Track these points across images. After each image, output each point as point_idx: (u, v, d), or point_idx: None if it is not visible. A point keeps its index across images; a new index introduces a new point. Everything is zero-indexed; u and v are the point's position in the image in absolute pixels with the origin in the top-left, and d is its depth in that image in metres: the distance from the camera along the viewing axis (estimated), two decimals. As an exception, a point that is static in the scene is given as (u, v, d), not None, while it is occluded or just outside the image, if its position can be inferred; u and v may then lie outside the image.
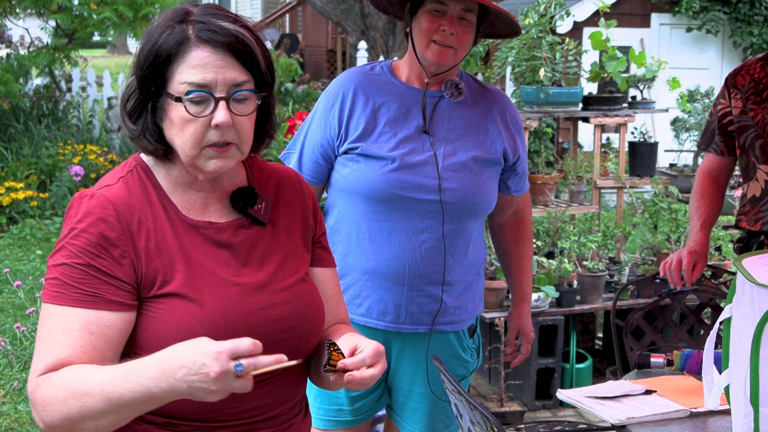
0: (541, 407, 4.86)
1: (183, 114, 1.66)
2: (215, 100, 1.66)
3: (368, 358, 1.66)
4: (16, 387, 4.76)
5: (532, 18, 5.47)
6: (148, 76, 1.69)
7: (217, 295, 1.68)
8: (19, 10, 11.39)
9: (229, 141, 1.69)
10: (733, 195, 6.10)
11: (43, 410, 1.58)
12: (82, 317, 1.62)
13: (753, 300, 1.99)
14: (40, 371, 1.60)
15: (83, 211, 1.68)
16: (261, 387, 1.72)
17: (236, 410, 1.71)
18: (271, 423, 1.77)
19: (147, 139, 1.72)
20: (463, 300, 2.75)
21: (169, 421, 1.69)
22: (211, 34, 1.66)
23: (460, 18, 2.58)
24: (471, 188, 2.66)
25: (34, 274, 6.94)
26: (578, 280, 4.96)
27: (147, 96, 1.71)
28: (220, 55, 1.67)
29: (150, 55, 1.68)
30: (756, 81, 3.34)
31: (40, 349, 1.63)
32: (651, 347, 3.39)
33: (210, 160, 1.69)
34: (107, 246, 1.65)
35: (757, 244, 3.39)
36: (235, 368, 1.46)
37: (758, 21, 11.61)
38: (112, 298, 1.64)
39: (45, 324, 1.64)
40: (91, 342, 1.61)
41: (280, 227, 1.84)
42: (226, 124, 1.66)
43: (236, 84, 1.68)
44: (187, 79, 1.66)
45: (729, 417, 2.15)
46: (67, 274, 1.64)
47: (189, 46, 1.66)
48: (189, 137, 1.67)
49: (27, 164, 9.39)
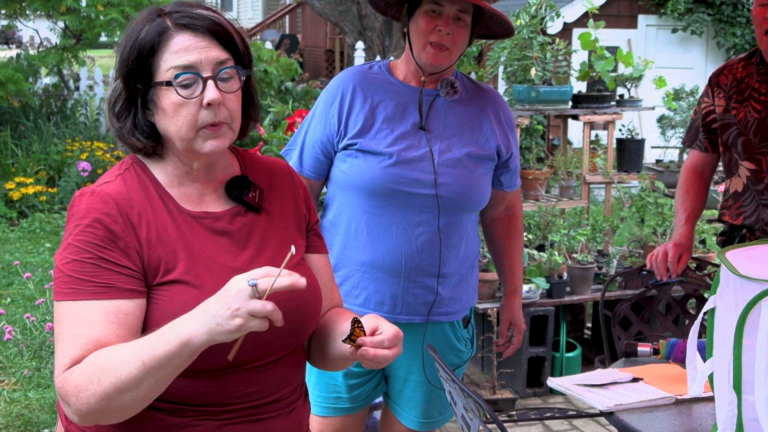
0: (532, 395, 4.86)
1: (175, 99, 1.68)
2: (203, 81, 1.68)
3: (386, 341, 1.68)
4: (26, 375, 4.76)
5: (523, 19, 5.47)
6: (133, 72, 1.71)
7: (217, 280, 1.68)
8: (29, 12, 11.41)
9: (221, 120, 1.70)
10: (717, 190, 6.11)
11: (77, 399, 1.57)
12: (100, 309, 1.62)
13: (736, 291, 1.99)
14: (66, 365, 1.59)
15: (85, 207, 1.68)
16: (263, 371, 1.74)
17: (240, 393, 1.72)
18: (274, 407, 1.78)
19: (136, 137, 1.73)
20: (458, 291, 2.76)
21: (177, 407, 1.69)
22: (189, 20, 1.70)
23: (456, 18, 2.58)
24: (465, 183, 2.66)
25: (43, 266, 6.94)
26: (568, 272, 4.96)
27: (133, 94, 1.72)
28: (201, 37, 1.70)
29: (133, 50, 1.70)
30: (738, 80, 3.34)
31: (63, 345, 1.61)
32: (638, 337, 3.39)
33: (207, 140, 1.71)
34: (113, 238, 1.66)
35: (740, 237, 3.39)
36: (249, 284, 1.48)
37: (741, 22, 11.62)
38: (125, 287, 1.64)
39: (63, 321, 1.63)
40: (114, 331, 1.61)
41: (274, 214, 1.86)
42: (217, 101, 1.68)
43: (220, 62, 1.70)
44: (174, 63, 1.68)
45: (713, 404, 2.15)
46: (78, 269, 1.63)
47: (170, 33, 1.70)
48: (183, 120, 1.69)
49: (36, 160, 9.38)
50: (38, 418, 4.33)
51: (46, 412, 4.39)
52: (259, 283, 1.48)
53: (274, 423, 1.78)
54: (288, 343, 1.77)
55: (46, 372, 4.59)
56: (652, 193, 5.49)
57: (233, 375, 1.71)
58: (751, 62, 3.35)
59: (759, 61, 3.32)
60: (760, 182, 3.28)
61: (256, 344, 1.69)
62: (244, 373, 1.72)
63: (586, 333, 5.51)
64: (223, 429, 1.71)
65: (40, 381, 4.73)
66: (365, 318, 1.74)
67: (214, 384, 1.69)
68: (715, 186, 6.23)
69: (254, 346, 1.69)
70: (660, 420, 2.38)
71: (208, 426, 1.70)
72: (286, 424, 1.81)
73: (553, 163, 5.63)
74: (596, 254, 5.32)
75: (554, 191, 5.70)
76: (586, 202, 5.71)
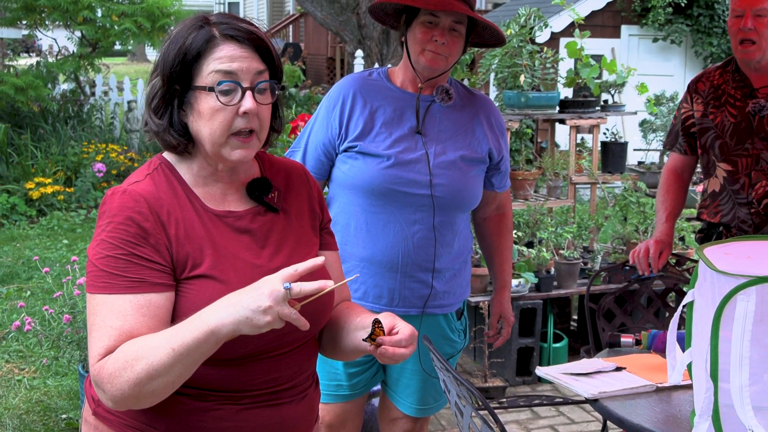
0: (522, 383, 4.86)
1: (213, 104, 1.69)
2: (242, 90, 1.69)
3: (404, 341, 1.69)
4: (45, 363, 4.76)
5: (513, 29, 5.47)
6: (176, 74, 1.71)
7: (241, 275, 1.70)
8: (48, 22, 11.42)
9: (253, 128, 1.72)
10: (695, 190, 6.10)
11: (112, 386, 1.58)
12: (133, 302, 1.62)
13: (713, 285, 1.99)
14: (101, 355, 1.60)
15: (117, 205, 1.68)
16: (280, 360, 1.76)
17: (259, 380, 1.74)
18: (289, 393, 1.79)
19: (171, 134, 1.74)
20: (452, 285, 2.75)
21: (200, 392, 1.70)
22: (235, 32, 1.71)
23: (451, 29, 2.58)
24: (459, 184, 2.66)
25: (60, 261, 6.93)
26: (555, 267, 4.96)
27: (171, 94, 1.72)
28: (245, 49, 1.71)
29: (179, 54, 1.70)
30: (715, 87, 3.34)
31: (97, 335, 1.62)
32: (621, 328, 3.39)
33: (235, 149, 1.72)
34: (144, 235, 1.66)
35: (717, 234, 3.40)
36: (283, 287, 1.50)
37: (717, 33, 11.62)
38: (156, 281, 1.65)
39: (98, 312, 1.63)
40: (145, 323, 1.62)
41: (291, 214, 1.87)
42: (253, 111, 1.69)
43: (259, 72, 1.71)
44: (217, 68, 1.68)
45: (691, 391, 2.15)
46: (111, 265, 1.64)
47: (216, 42, 1.70)
48: (218, 125, 1.69)
49: (54, 161, 9.37)
50: (56, 404, 4.33)
51: (64, 398, 4.39)
52: (293, 288, 1.51)
53: (289, 408, 1.79)
54: (303, 335, 1.78)
55: (63, 361, 4.59)
56: (634, 193, 5.49)
57: (253, 363, 1.72)
58: (727, 70, 3.35)
59: (734, 69, 3.32)
60: (736, 182, 3.28)
61: (275, 335, 1.70)
62: (263, 361, 1.73)
63: (573, 325, 5.50)
64: (243, 413, 1.73)
65: (58, 369, 4.73)
66: (384, 316, 1.75)
67: (235, 372, 1.71)
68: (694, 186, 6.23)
69: (273, 337, 1.70)
70: (642, 407, 2.38)
71: (229, 410, 1.72)
72: (300, 408, 1.82)
73: (541, 165, 5.63)
74: (582, 250, 5.32)
75: (542, 191, 5.70)
76: (573, 201, 5.71)
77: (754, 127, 3.23)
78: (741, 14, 3.16)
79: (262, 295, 1.50)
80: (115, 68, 13.67)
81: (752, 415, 1.93)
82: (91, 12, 10.35)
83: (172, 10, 10.85)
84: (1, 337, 5.26)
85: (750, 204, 3.26)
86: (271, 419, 1.76)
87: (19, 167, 9.22)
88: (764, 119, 3.22)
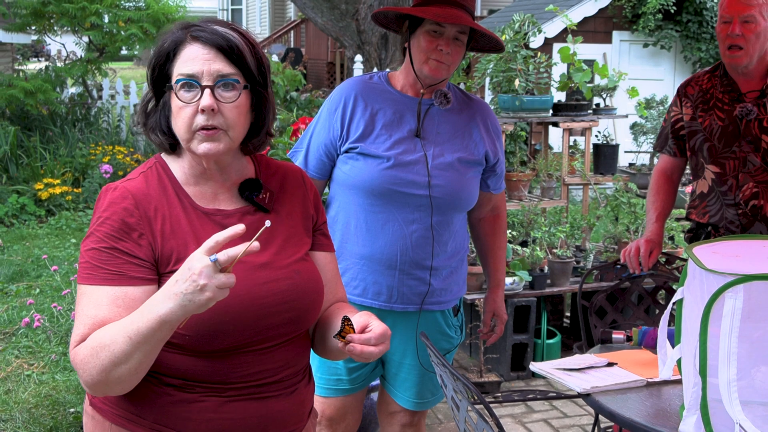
0: (516, 378, 4.86)
1: (177, 102, 1.71)
2: (201, 88, 1.70)
3: (373, 339, 1.69)
4: (53, 359, 4.76)
5: (508, 34, 5.47)
6: (156, 77, 1.75)
7: None
8: (57, 28, 11.42)
9: (216, 125, 1.71)
10: (684, 191, 6.11)
11: (83, 371, 1.62)
12: (109, 293, 1.65)
13: (702, 283, 1.99)
14: (76, 342, 1.64)
15: (107, 201, 1.73)
16: (263, 354, 1.75)
17: (243, 373, 1.74)
18: (276, 387, 1.79)
19: (156, 133, 1.77)
20: (448, 283, 2.75)
21: (186, 383, 1.71)
22: (202, 33, 1.72)
23: (455, 39, 2.58)
24: (456, 185, 2.66)
25: (69, 259, 6.93)
26: (548, 265, 4.96)
27: (158, 96, 1.76)
28: (208, 50, 1.71)
29: (156, 57, 1.75)
30: (704, 91, 3.34)
31: (76, 323, 1.67)
32: (612, 325, 3.39)
33: (201, 143, 1.72)
34: (128, 230, 1.69)
35: (705, 234, 3.40)
36: (211, 260, 1.48)
37: (705, 38, 11.63)
38: (134, 275, 1.67)
39: (79, 302, 1.68)
40: (119, 314, 1.64)
41: (282, 214, 1.86)
42: (209, 107, 1.69)
43: (222, 75, 1.71)
44: (180, 70, 1.71)
45: (681, 386, 2.15)
46: (95, 257, 1.68)
47: (184, 45, 1.72)
48: (182, 122, 1.71)
49: (63, 163, 9.37)
50: (65, 399, 4.32)
51: (72, 393, 4.39)
52: (219, 258, 1.49)
53: (275, 402, 1.79)
54: (287, 331, 1.78)
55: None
56: (625, 193, 5.49)
57: (236, 356, 1.72)
58: (716, 74, 3.35)
59: (722, 74, 3.32)
60: (723, 184, 3.28)
61: (255, 330, 1.71)
62: (246, 355, 1.73)
63: (565, 321, 5.50)
64: (228, 405, 1.73)
65: (66, 365, 4.72)
66: (360, 315, 1.75)
67: (219, 364, 1.71)
68: (683, 187, 6.23)
69: (254, 332, 1.71)
70: (632, 401, 2.38)
71: (214, 402, 1.72)
72: (288, 403, 1.81)
73: (535, 166, 5.63)
74: (574, 249, 5.32)
75: (536, 192, 5.70)
76: (565, 201, 5.71)
77: (742, 130, 3.23)
78: (729, 20, 3.16)
79: (193, 275, 1.49)
80: (121, 72, 13.67)
81: (740, 410, 1.93)
82: (98, 18, 10.36)
83: (177, 16, 10.86)
84: (11, 334, 5.25)
85: (737, 205, 3.26)
86: (257, 412, 1.76)
87: (29, 168, 9.22)
88: (751, 123, 3.22)
